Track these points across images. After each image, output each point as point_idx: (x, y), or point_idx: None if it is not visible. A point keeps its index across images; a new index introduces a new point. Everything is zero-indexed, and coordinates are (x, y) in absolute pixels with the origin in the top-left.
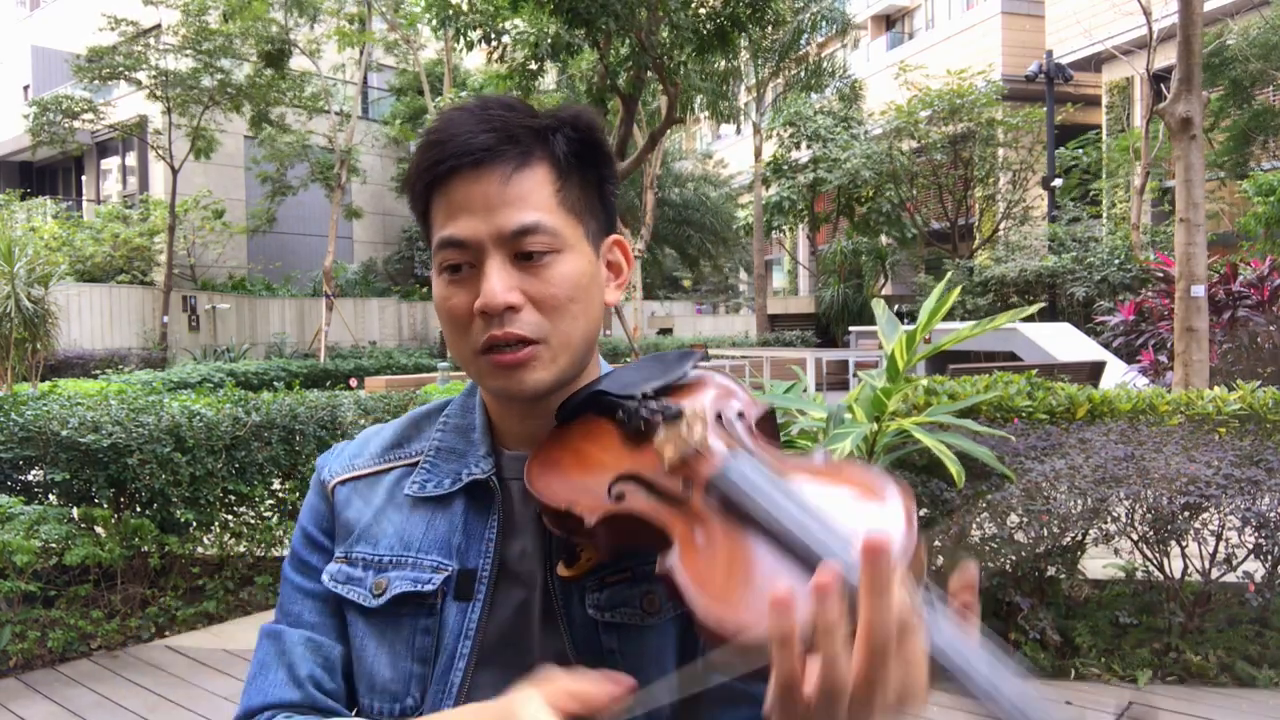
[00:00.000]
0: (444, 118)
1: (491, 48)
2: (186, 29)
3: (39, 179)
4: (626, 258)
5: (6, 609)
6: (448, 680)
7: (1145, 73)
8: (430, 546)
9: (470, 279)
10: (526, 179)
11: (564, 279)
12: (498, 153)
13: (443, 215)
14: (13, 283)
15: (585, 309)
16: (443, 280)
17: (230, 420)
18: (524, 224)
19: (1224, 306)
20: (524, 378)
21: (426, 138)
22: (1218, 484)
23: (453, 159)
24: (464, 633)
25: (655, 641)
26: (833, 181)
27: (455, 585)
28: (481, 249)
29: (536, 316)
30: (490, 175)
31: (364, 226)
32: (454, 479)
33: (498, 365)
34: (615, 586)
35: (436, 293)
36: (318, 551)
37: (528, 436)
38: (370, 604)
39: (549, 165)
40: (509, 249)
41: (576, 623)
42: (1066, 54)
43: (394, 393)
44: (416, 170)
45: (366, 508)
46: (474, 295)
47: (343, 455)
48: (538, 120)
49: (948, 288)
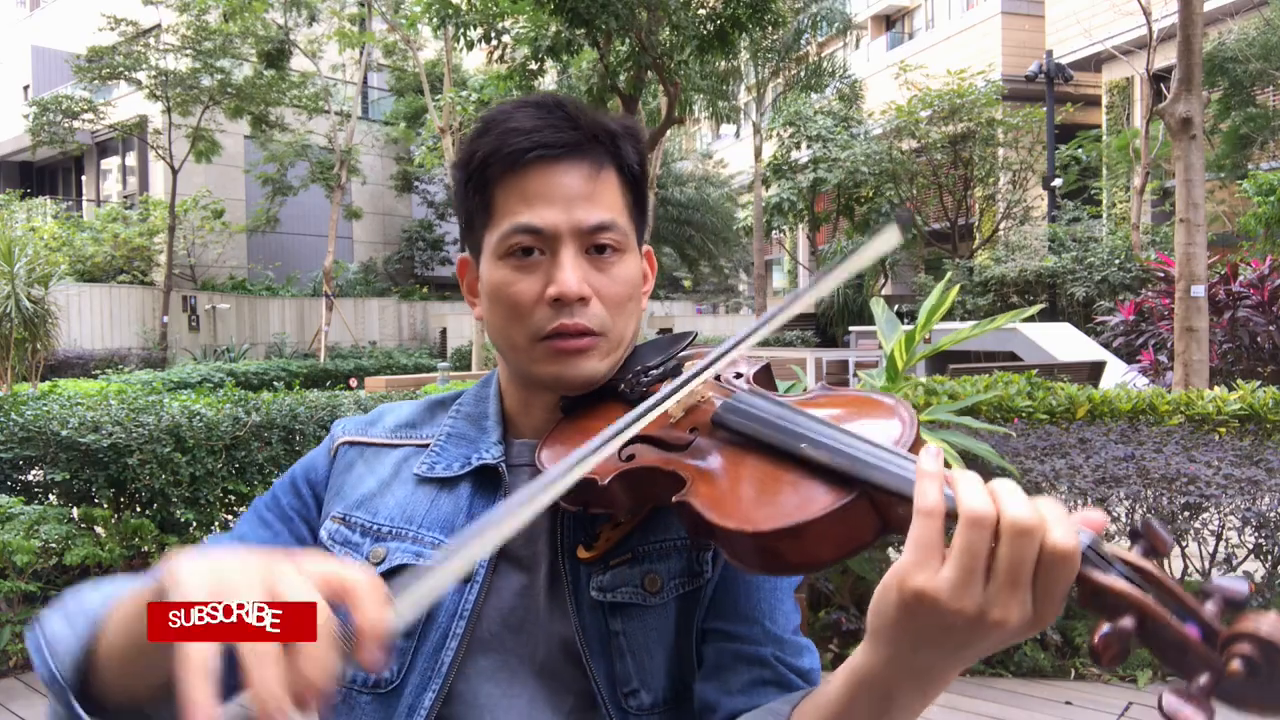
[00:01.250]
0: (509, 113)
1: (492, 47)
2: (186, 29)
3: (39, 179)
4: (652, 267)
5: (6, 609)
6: (438, 659)
7: (1145, 73)
8: (433, 524)
9: (539, 266)
10: (605, 179)
11: (627, 278)
12: (584, 150)
13: (517, 201)
14: (13, 283)
15: (636, 309)
16: (507, 264)
17: (230, 420)
18: (604, 220)
19: (1224, 306)
20: (582, 365)
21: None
22: (1218, 484)
23: (540, 149)
24: (459, 613)
25: (659, 622)
26: (832, 180)
27: None
28: (558, 238)
29: (602, 310)
30: (574, 169)
31: (364, 226)
32: (463, 462)
33: (559, 351)
34: (617, 569)
35: (495, 277)
36: (298, 499)
37: (541, 427)
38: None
39: (619, 171)
40: (584, 242)
41: (585, 606)
42: (1066, 54)
43: (394, 393)
44: (485, 157)
45: (371, 476)
46: (542, 282)
47: (357, 421)
48: (604, 125)
49: (947, 287)
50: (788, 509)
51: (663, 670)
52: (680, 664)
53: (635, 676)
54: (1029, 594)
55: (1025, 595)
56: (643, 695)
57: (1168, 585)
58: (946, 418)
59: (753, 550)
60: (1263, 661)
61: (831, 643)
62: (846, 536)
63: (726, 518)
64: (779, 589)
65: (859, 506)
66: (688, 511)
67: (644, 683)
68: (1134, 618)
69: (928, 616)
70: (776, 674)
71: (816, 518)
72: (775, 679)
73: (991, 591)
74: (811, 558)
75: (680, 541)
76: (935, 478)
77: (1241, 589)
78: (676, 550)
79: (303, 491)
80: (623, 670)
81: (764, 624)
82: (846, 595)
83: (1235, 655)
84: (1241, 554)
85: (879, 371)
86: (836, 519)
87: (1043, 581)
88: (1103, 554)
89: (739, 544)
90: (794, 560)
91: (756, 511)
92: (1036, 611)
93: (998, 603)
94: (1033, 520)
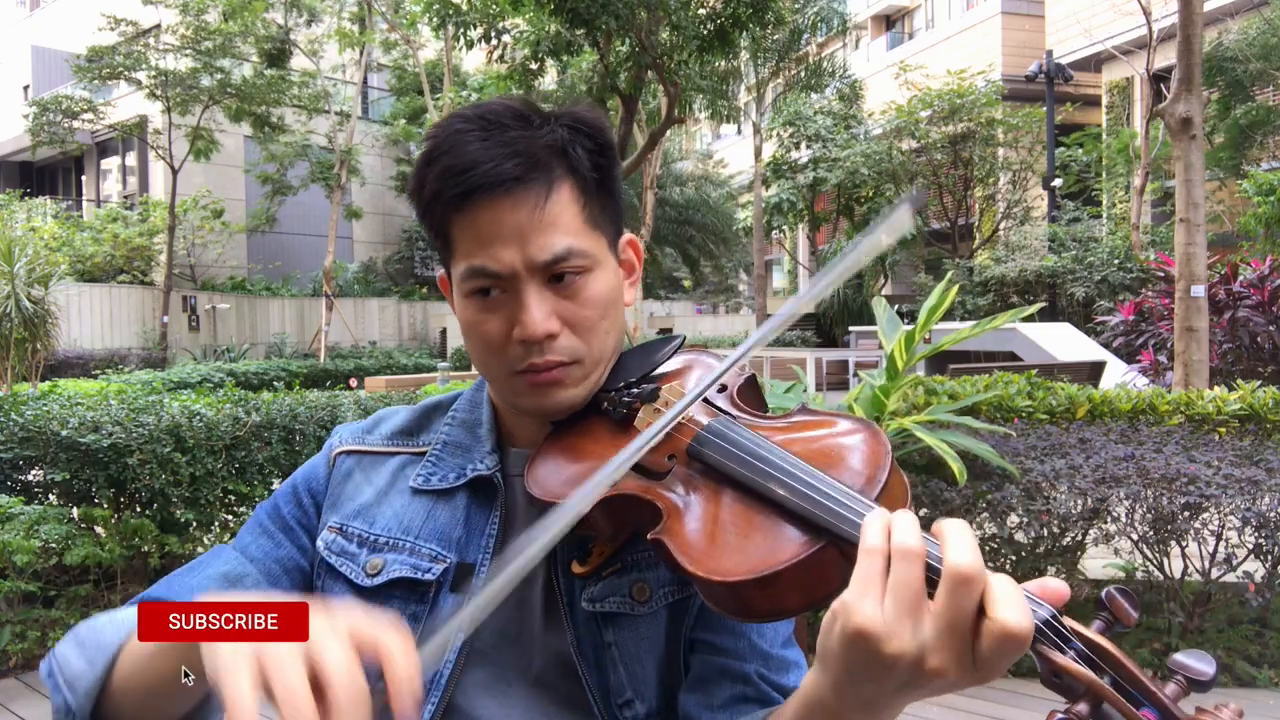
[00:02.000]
0: (452, 137)
1: (492, 47)
2: (186, 29)
3: (39, 179)
4: (637, 255)
5: (6, 609)
6: (437, 672)
7: (1145, 73)
8: (430, 535)
9: (502, 304)
10: (555, 203)
11: (596, 299)
12: (526, 181)
13: (469, 242)
14: (13, 283)
15: (614, 322)
16: (472, 303)
17: (230, 420)
18: (557, 252)
19: (1224, 306)
20: (559, 396)
21: (439, 159)
22: (1218, 484)
23: (481, 191)
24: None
25: (648, 631)
26: (832, 180)
27: (453, 577)
28: (516, 278)
29: (573, 340)
30: (520, 204)
31: (364, 226)
32: (458, 473)
33: (534, 385)
34: (607, 579)
35: (465, 315)
36: (299, 508)
37: (534, 435)
38: (363, 583)
39: (573, 184)
40: (543, 275)
41: (580, 619)
42: (1066, 54)
43: (394, 393)
44: (434, 194)
45: (368, 485)
46: (508, 321)
47: (355, 429)
48: (554, 134)
49: (947, 288)
50: (755, 557)
51: (655, 679)
52: (671, 673)
53: (629, 687)
54: (970, 651)
55: (964, 650)
56: (637, 706)
57: (1126, 668)
58: (946, 418)
59: (722, 597)
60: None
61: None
62: (815, 584)
63: (696, 565)
64: None
65: (827, 554)
66: (662, 550)
67: (637, 693)
68: (1087, 702)
69: (867, 651)
70: (759, 691)
71: (784, 568)
72: (757, 696)
73: (930, 636)
74: (780, 605)
75: None
76: (879, 516)
77: (1206, 670)
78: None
79: (303, 500)
80: (616, 681)
81: (751, 638)
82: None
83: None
84: (1241, 554)
85: (879, 371)
86: (804, 568)
87: (990, 653)
88: (1061, 630)
89: (708, 591)
90: (763, 608)
91: (725, 559)
92: (979, 670)
93: (936, 650)
94: (972, 569)
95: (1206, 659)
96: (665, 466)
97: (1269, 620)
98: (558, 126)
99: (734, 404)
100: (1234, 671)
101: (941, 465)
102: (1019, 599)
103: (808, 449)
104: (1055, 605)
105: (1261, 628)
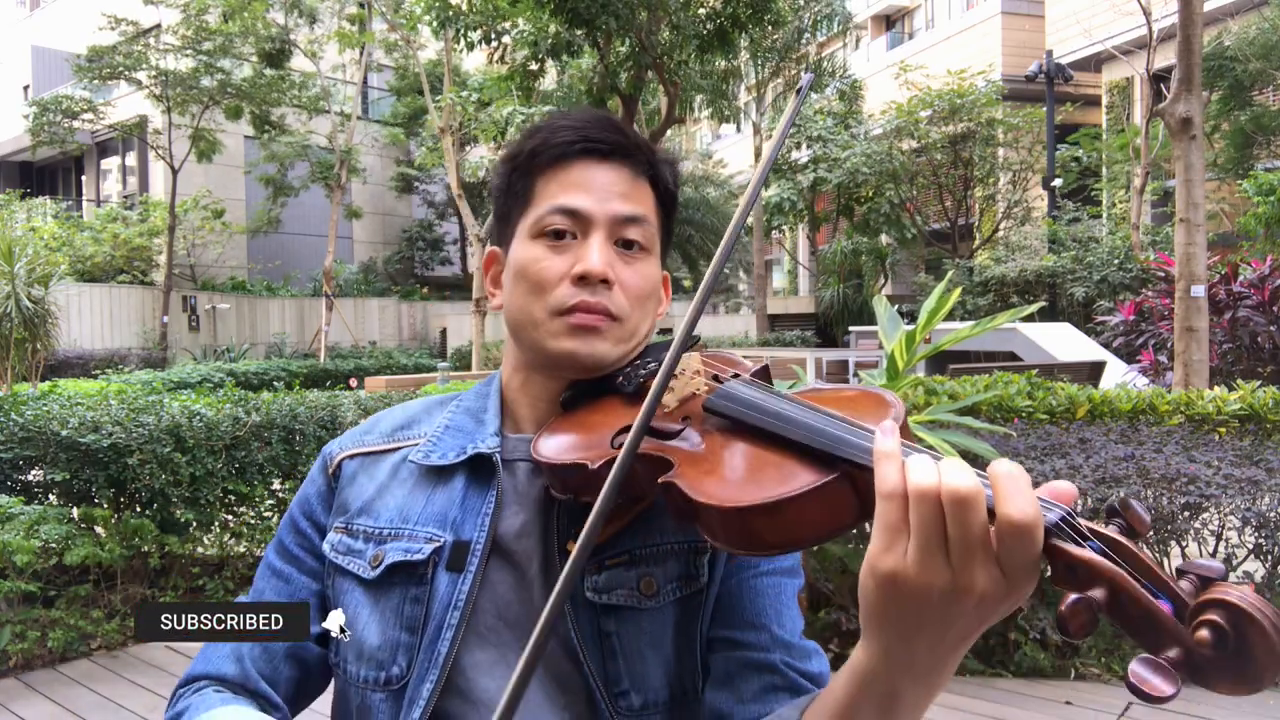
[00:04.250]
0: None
1: (492, 48)
2: (186, 29)
3: (39, 179)
4: (666, 292)
5: (6, 609)
6: (435, 650)
7: (1145, 73)
8: (428, 519)
9: (569, 248)
10: (642, 187)
11: (647, 277)
12: (627, 155)
13: (558, 187)
14: (13, 283)
15: (652, 310)
16: (539, 244)
17: (230, 420)
18: (637, 213)
19: (1224, 306)
20: (595, 344)
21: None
22: (1218, 484)
23: (586, 143)
24: (453, 603)
25: (653, 625)
26: (832, 180)
27: (448, 556)
28: (591, 223)
29: (622, 298)
30: (616, 170)
31: (364, 226)
32: (458, 451)
33: (576, 327)
34: (613, 570)
35: (526, 254)
36: (299, 535)
37: (541, 419)
38: (368, 575)
39: (654, 189)
40: (614, 232)
41: (580, 603)
42: (1066, 54)
43: (394, 393)
44: (535, 149)
45: (370, 483)
46: (570, 262)
47: (352, 434)
48: (653, 147)
49: (948, 288)
50: (767, 486)
51: (657, 673)
52: (679, 668)
53: (626, 677)
54: (993, 563)
55: (989, 564)
56: (632, 697)
57: (1143, 560)
58: (946, 418)
59: (731, 527)
60: (1231, 629)
61: (832, 643)
62: (826, 517)
63: (707, 495)
64: (783, 593)
65: (839, 486)
66: (672, 492)
67: (634, 684)
68: (1105, 589)
69: (904, 599)
70: (787, 679)
71: (795, 495)
72: (786, 684)
73: (955, 563)
74: (790, 537)
75: (677, 545)
76: (893, 458)
77: (1217, 569)
78: (674, 554)
79: (302, 526)
80: (614, 671)
81: (771, 629)
82: (846, 595)
83: (1203, 624)
84: (1241, 554)
85: (879, 371)
86: (815, 497)
87: (1006, 552)
88: (1077, 528)
89: (718, 521)
90: (772, 539)
91: (736, 489)
92: (1009, 580)
93: (962, 570)
94: (968, 490)
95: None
96: (678, 428)
97: None
98: (657, 150)
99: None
100: None
101: None
102: (1023, 492)
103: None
104: (1067, 504)
105: None
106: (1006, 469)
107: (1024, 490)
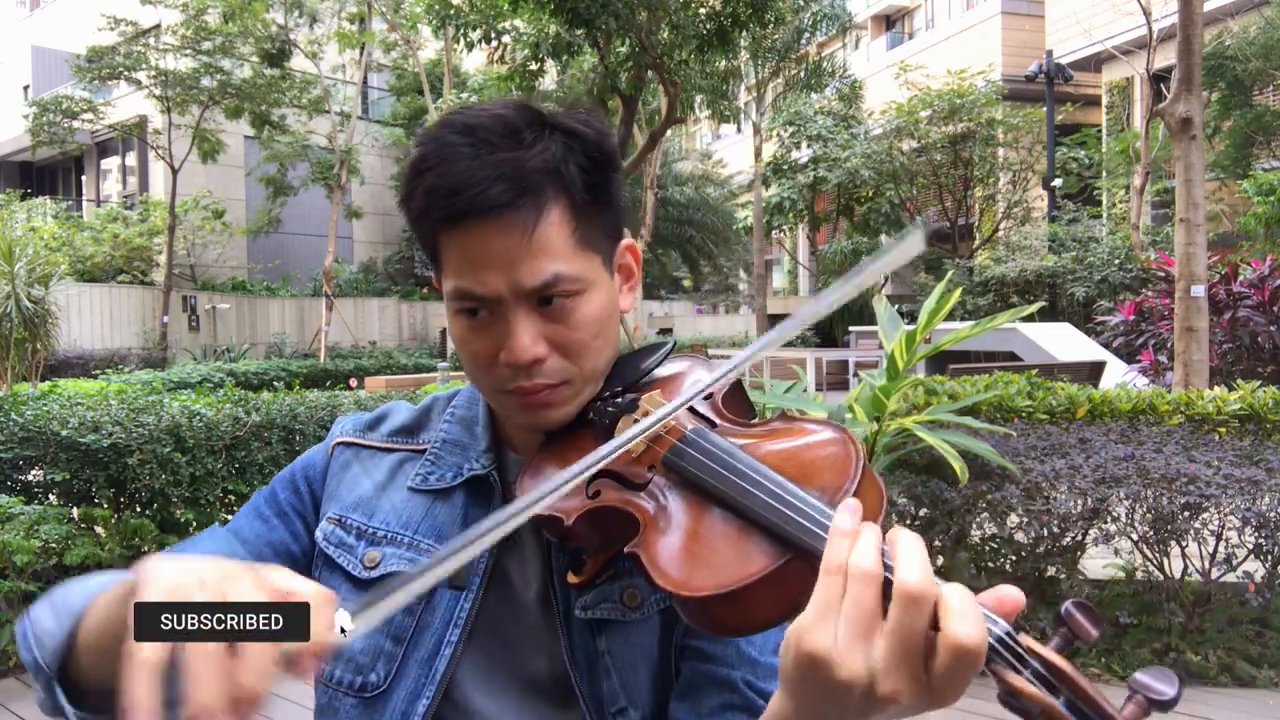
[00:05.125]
0: (441, 151)
1: (492, 48)
2: (186, 29)
3: (39, 179)
4: (636, 260)
5: (6, 609)
6: (433, 666)
7: (1145, 73)
8: (429, 531)
9: (489, 325)
10: (545, 229)
11: (587, 321)
12: (515, 207)
13: (457, 264)
14: (13, 283)
15: (607, 339)
16: (460, 321)
17: (230, 420)
18: (545, 279)
19: (1224, 306)
20: (549, 415)
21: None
22: (1218, 484)
23: (468, 215)
24: (454, 620)
25: (641, 638)
26: (832, 180)
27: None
28: (502, 302)
29: (561, 363)
30: (508, 230)
31: (364, 226)
32: (455, 473)
33: (524, 405)
34: (599, 586)
35: (455, 331)
36: (295, 495)
37: (529, 437)
38: (361, 575)
39: (565, 205)
40: (531, 300)
41: (574, 628)
42: (1066, 54)
43: (394, 393)
44: (421, 210)
45: (366, 478)
46: (496, 341)
47: (358, 421)
48: (546, 152)
49: (948, 288)
50: (722, 572)
51: (649, 687)
52: (664, 680)
53: (623, 695)
54: (923, 671)
55: (918, 670)
56: (631, 714)
57: (1082, 689)
58: (946, 418)
59: (693, 613)
60: None
61: None
62: (783, 598)
63: (666, 580)
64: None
65: (795, 568)
66: (638, 564)
67: (631, 700)
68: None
69: (822, 676)
70: (745, 700)
71: (750, 582)
72: (744, 705)
73: (882, 658)
74: (749, 620)
75: None
76: (846, 536)
77: (1167, 691)
78: None
79: (301, 489)
80: (610, 690)
81: (739, 644)
82: None
83: None
84: (1241, 554)
85: (879, 371)
86: (769, 582)
87: (943, 671)
88: (1016, 649)
89: (680, 606)
90: (732, 623)
91: (694, 574)
92: (934, 694)
93: (888, 673)
94: (921, 588)
95: (1169, 678)
96: (645, 478)
97: (1269, 620)
98: (551, 141)
99: (717, 411)
100: (1234, 671)
101: (941, 465)
102: (972, 611)
103: (780, 458)
104: (1010, 617)
105: (1261, 628)
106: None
107: (973, 609)
